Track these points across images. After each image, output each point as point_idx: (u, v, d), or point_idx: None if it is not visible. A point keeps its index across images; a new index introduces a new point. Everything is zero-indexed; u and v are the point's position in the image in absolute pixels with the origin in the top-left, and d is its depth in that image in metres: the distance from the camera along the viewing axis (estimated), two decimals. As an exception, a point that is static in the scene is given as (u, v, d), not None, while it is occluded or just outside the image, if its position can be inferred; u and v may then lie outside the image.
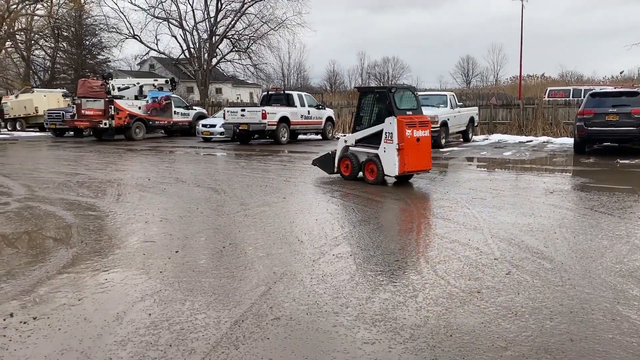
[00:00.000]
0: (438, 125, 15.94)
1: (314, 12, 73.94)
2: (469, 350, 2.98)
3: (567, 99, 22.78)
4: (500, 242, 5.22)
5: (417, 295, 3.81)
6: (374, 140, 9.14)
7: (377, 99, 9.30)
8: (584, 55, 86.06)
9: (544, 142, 19.29)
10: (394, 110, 8.84)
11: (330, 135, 21.69)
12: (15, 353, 2.94)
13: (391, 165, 8.85)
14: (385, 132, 8.89)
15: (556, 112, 21.70)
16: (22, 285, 4.04)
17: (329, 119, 21.56)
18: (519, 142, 19.47)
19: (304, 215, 6.61)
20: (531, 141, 19.61)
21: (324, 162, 10.09)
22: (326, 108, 21.82)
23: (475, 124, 20.24)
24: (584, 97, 18.45)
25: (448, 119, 16.78)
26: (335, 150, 9.86)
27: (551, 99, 23.49)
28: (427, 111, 16.24)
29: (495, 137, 20.88)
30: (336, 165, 9.76)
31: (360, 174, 9.44)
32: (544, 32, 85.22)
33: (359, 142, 9.45)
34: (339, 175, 9.80)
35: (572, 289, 3.91)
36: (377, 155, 9.04)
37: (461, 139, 19.37)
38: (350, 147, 9.60)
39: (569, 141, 17.70)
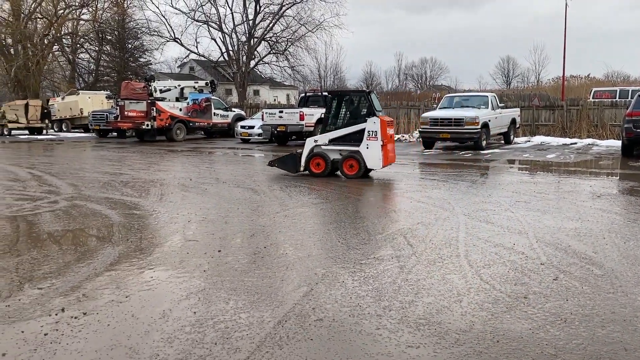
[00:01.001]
0: (479, 126, 15.67)
1: (351, 13, 73.95)
2: (517, 357, 2.90)
3: (614, 99, 22.05)
4: (547, 246, 5.08)
5: (461, 300, 3.74)
6: (352, 138, 9.98)
7: (351, 102, 10.14)
8: (631, 55, 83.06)
9: (589, 144, 18.72)
10: (375, 111, 9.87)
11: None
12: (68, 347, 3.03)
13: (376, 160, 9.88)
14: (369, 131, 9.83)
15: (602, 114, 21.03)
16: (71, 282, 4.16)
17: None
18: (563, 144, 18.95)
19: (344, 217, 6.60)
20: (575, 143, 19.06)
21: (286, 162, 10.56)
22: (364, 109, 21.75)
23: (517, 126, 19.82)
24: (631, 97, 17.83)
25: (489, 121, 16.47)
26: (300, 150, 10.40)
27: (596, 100, 22.78)
28: (467, 112, 16.08)
29: (537, 139, 20.40)
30: (303, 164, 10.30)
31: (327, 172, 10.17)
32: (588, 32, 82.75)
33: (332, 142, 10.11)
34: (306, 172, 10.34)
35: (625, 297, 3.77)
36: (358, 152, 9.90)
37: (502, 141, 18.99)
38: (322, 147, 10.18)
39: (616, 143, 17.13)
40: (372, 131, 9.77)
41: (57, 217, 6.66)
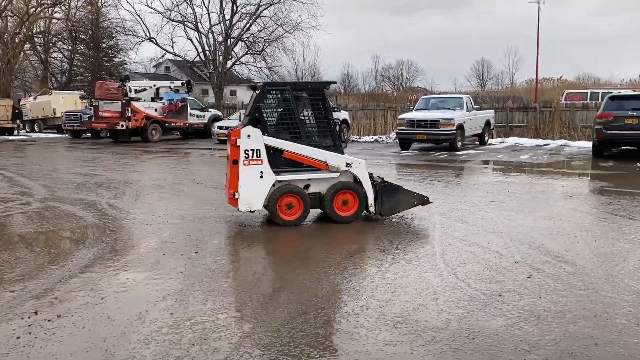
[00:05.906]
0: (454, 128, 15.86)
1: (329, 15, 73.95)
2: (492, 353, 2.96)
3: (585, 102, 22.54)
4: (520, 245, 5.17)
5: (437, 298, 3.79)
6: None
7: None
8: (600, 59, 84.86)
9: (561, 145, 19.08)
10: None
11: (345, 137, 21.67)
12: (41, 350, 2.98)
13: None
14: None
15: (573, 116, 21.46)
16: (45, 284, 4.09)
17: (344, 121, 21.55)
18: (536, 145, 19.28)
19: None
20: (548, 144, 19.41)
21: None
22: (341, 110, 21.81)
23: (492, 127, 20.09)
24: (601, 100, 18.26)
25: (464, 122, 16.68)
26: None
27: (568, 102, 23.24)
28: (443, 114, 16.28)
29: (511, 141, 20.70)
30: None
31: None
32: (561, 36, 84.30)
33: None
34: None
35: (595, 293, 3.87)
36: None
37: (477, 142, 19.26)
38: None
39: (587, 145, 17.51)
40: None
41: (29, 219, 6.53)
